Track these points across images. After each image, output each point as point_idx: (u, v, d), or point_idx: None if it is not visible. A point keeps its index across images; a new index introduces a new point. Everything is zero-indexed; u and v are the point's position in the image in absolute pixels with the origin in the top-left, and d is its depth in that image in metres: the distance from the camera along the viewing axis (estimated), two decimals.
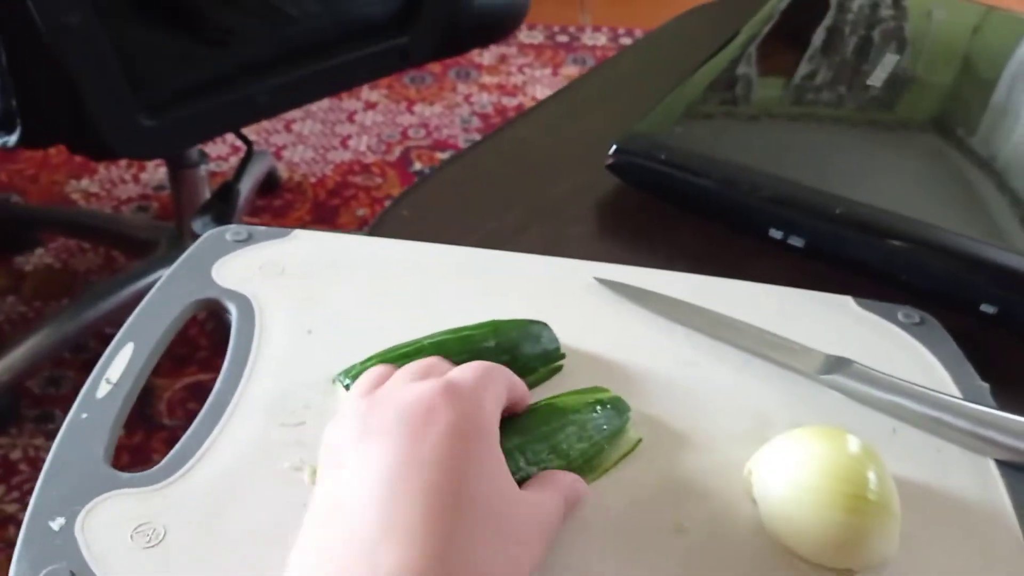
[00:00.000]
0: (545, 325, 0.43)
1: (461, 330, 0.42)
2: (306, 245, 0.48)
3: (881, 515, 0.36)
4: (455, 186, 0.58)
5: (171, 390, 1.20)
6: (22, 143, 0.78)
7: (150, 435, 1.15)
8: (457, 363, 0.40)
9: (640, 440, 0.40)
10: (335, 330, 0.44)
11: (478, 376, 0.35)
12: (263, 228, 0.49)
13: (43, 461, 0.37)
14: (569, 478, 0.36)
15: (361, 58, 0.89)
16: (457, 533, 0.29)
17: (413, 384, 0.34)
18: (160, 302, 0.44)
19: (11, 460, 1.10)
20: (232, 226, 0.49)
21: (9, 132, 0.78)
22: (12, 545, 1.06)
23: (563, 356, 0.43)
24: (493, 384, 0.35)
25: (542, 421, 0.38)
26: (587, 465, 0.38)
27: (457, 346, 0.41)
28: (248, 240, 0.48)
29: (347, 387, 0.39)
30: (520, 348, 0.42)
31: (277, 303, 0.45)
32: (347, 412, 0.35)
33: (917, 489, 0.40)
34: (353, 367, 0.40)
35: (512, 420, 0.37)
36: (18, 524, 1.08)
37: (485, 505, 0.31)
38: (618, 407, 0.40)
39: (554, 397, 0.40)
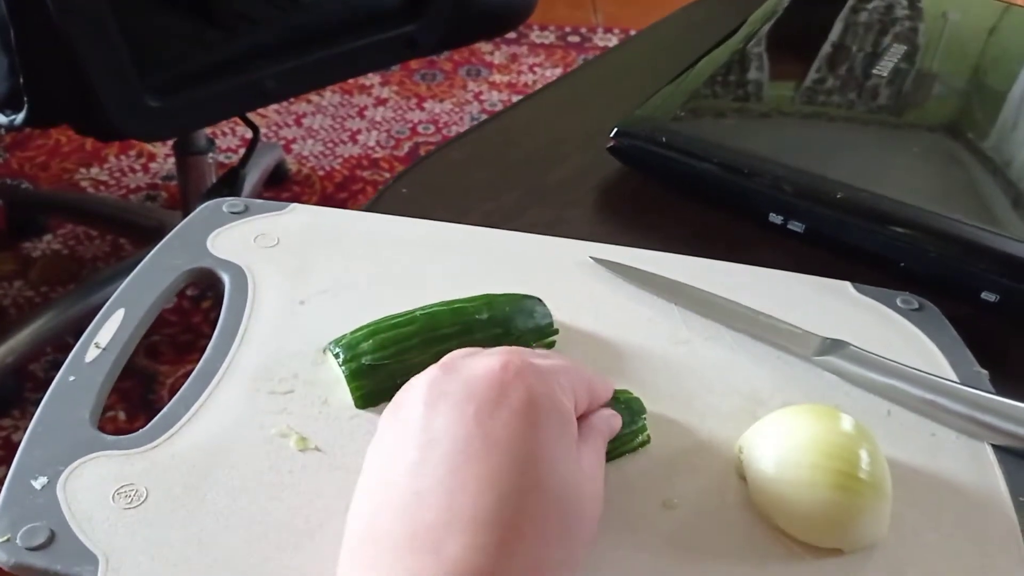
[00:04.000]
0: (539, 300, 0.43)
1: (454, 302, 0.42)
2: (303, 219, 0.48)
3: (872, 495, 0.35)
4: (455, 166, 0.58)
5: (174, 376, 1.20)
6: (28, 122, 0.79)
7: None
8: (450, 335, 0.40)
9: (648, 441, 0.39)
10: (327, 302, 0.43)
11: (557, 363, 0.34)
12: (260, 201, 0.49)
13: None
14: (604, 419, 0.36)
15: (369, 45, 0.89)
16: (524, 522, 0.28)
17: (488, 355, 0.33)
18: (153, 270, 0.44)
19: (13, 441, 1.11)
20: (229, 198, 0.49)
21: (16, 110, 0.79)
22: None
23: (556, 332, 0.43)
24: (569, 375, 0.34)
25: None
26: None
27: (450, 317, 0.40)
28: (245, 212, 0.48)
29: (336, 355, 0.39)
30: (513, 322, 0.41)
31: (271, 274, 0.44)
32: (420, 378, 0.33)
33: (910, 472, 0.39)
34: (343, 336, 0.40)
35: None
36: None
37: (554, 492, 0.30)
38: (632, 407, 0.39)
39: None
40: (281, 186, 1.54)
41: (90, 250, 1.36)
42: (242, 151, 1.64)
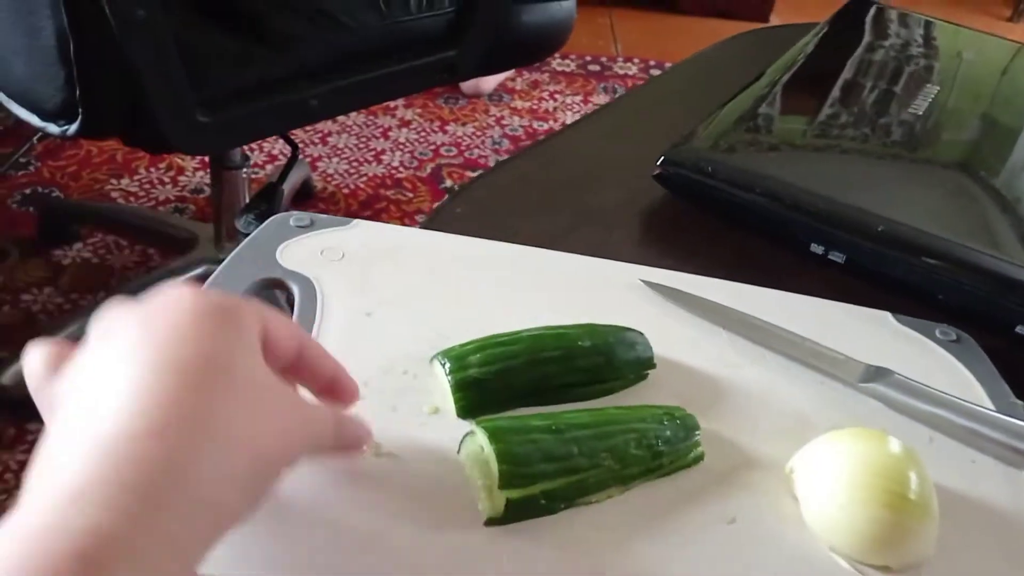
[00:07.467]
0: (639, 333, 0.44)
1: (558, 327, 0.43)
2: (366, 234, 0.50)
3: (921, 515, 0.37)
4: (506, 188, 0.60)
5: None
6: (81, 133, 0.81)
7: None
8: (552, 359, 0.41)
9: (702, 457, 0.40)
10: (393, 314, 0.45)
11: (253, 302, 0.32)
12: (325, 216, 0.51)
13: None
14: (348, 417, 0.35)
15: (410, 69, 0.92)
16: (193, 389, 0.26)
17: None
18: (228, 279, 0.46)
19: None
20: (295, 212, 0.51)
21: (70, 121, 0.81)
22: None
23: (655, 365, 0.44)
24: (254, 306, 0.32)
25: (606, 421, 0.39)
26: (644, 471, 0.39)
27: (553, 341, 0.42)
28: (310, 226, 0.50)
29: (443, 365, 0.41)
30: (615, 352, 0.43)
31: (338, 286, 0.46)
32: (88, 335, 0.30)
33: (952, 497, 0.41)
34: (452, 348, 0.42)
35: (577, 416, 0.39)
36: None
37: (230, 369, 0.28)
38: (687, 423, 0.40)
39: (629, 406, 0.41)
40: (307, 203, 1.56)
41: (119, 259, 1.39)
42: (270, 167, 1.66)
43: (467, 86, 2.00)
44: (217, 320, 0.29)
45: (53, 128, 0.83)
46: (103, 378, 0.27)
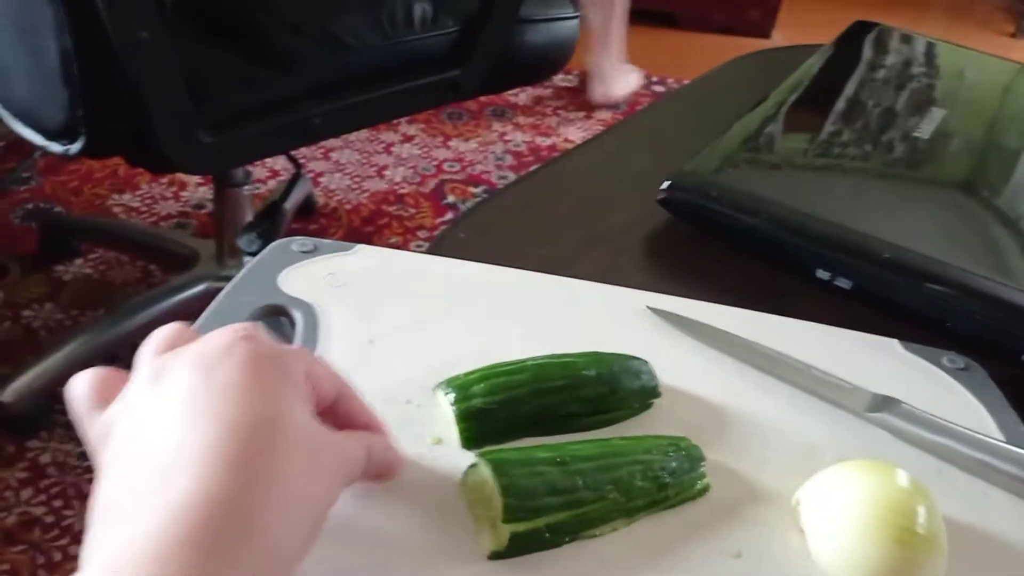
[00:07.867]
0: (644, 362, 0.44)
1: (562, 356, 0.43)
2: (369, 260, 0.50)
3: (930, 549, 0.36)
4: (511, 212, 0.60)
5: None
6: (84, 152, 0.81)
7: None
8: (557, 388, 0.41)
9: (708, 489, 0.40)
10: (396, 342, 0.45)
11: (292, 347, 0.34)
12: (328, 241, 0.51)
13: (72, 466, 0.36)
14: (379, 440, 0.36)
15: (413, 88, 0.92)
16: (257, 451, 0.28)
17: (210, 335, 0.33)
18: (229, 305, 0.45)
19: (40, 464, 1.12)
20: (298, 238, 0.50)
21: (72, 141, 0.81)
22: (38, 547, 1.06)
23: (660, 394, 0.44)
24: (303, 357, 0.34)
25: (612, 453, 0.39)
26: (650, 503, 0.38)
27: (558, 371, 0.42)
28: (313, 252, 0.50)
29: (448, 395, 0.40)
30: (619, 381, 0.42)
31: (340, 313, 0.46)
32: (138, 369, 0.33)
33: (961, 530, 0.40)
34: (456, 377, 0.41)
35: (582, 447, 0.38)
36: (44, 526, 1.07)
37: (287, 428, 0.30)
38: (692, 454, 0.40)
39: (634, 437, 0.41)
40: (309, 219, 1.56)
41: (120, 275, 1.38)
42: (272, 182, 1.66)
43: (597, 95, 2.02)
44: (270, 375, 0.31)
45: (56, 147, 0.83)
46: (163, 427, 0.29)
